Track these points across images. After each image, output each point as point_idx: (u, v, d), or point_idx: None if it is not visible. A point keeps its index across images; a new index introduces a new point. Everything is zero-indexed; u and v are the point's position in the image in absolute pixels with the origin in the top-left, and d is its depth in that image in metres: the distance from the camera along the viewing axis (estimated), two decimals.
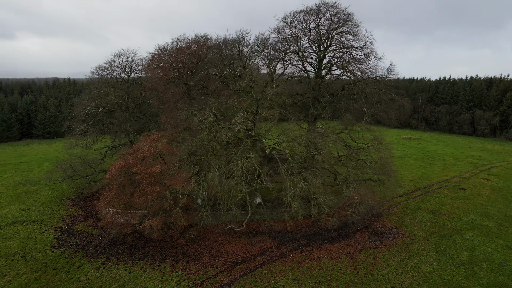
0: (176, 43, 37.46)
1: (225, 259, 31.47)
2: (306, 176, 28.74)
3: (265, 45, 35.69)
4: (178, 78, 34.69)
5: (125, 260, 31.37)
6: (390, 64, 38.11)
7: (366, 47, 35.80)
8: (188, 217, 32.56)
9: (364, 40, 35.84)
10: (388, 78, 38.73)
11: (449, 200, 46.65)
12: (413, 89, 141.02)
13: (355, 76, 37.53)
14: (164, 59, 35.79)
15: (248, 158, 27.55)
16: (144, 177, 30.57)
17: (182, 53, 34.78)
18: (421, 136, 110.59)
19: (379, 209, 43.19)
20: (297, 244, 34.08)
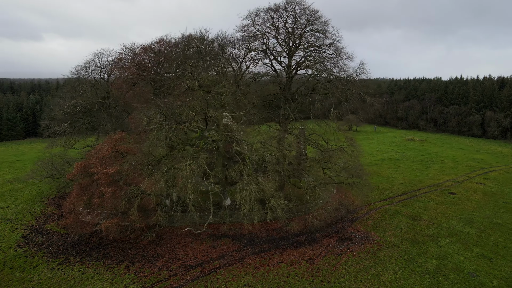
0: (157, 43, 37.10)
1: (182, 262, 30.92)
2: (257, 179, 27.86)
3: (222, 44, 34.91)
4: (142, 78, 34.38)
5: (82, 260, 31.20)
6: (360, 63, 36.75)
7: (334, 46, 34.57)
8: (148, 219, 32.11)
9: (332, 38, 34.65)
10: (358, 77, 37.32)
11: (434, 205, 44.78)
12: (422, 89, 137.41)
13: (323, 76, 36.32)
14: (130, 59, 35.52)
15: (194, 159, 26.89)
16: (101, 177, 30.33)
17: (147, 52, 34.43)
18: (426, 137, 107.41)
19: (357, 213, 41.81)
20: (259, 248, 33.22)
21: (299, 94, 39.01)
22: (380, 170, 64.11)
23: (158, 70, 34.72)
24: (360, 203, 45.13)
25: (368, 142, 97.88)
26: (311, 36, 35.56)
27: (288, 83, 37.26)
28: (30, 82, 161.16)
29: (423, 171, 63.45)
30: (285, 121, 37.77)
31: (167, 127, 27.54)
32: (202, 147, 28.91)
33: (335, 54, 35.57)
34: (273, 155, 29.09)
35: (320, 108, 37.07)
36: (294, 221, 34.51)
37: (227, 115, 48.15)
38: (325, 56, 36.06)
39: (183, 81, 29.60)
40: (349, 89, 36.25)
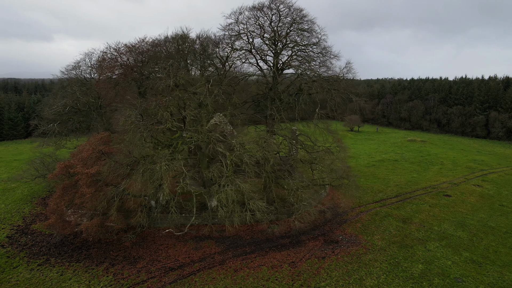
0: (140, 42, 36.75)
1: (163, 264, 30.53)
2: (234, 180, 27.32)
3: (205, 43, 34.39)
4: (124, 78, 34.06)
5: (63, 262, 30.99)
6: (347, 63, 35.95)
7: (320, 44, 33.85)
8: (129, 220, 31.78)
9: (317, 37, 33.98)
10: (345, 77, 36.53)
11: (426, 208, 43.84)
12: (426, 89, 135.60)
13: (309, 75, 35.61)
14: (113, 59, 35.21)
15: (170, 161, 26.46)
16: (81, 178, 30.08)
17: (130, 52, 34.08)
18: (429, 138, 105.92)
19: (346, 215, 41.06)
20: (242, 250, 32.70)
21: (287, 94, 38.32)
22: (377, 171, 63.17)
23: (142, 70, 34.40)
24: (352, 205, 44.39)
25: (369, 143, 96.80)
26: (297, 35, 34.94)
27: (275, 83, 36.65)
28: (34, 82, 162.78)
29: (421, 172, 62.36)
30: (271, 121, 37.11)
31: (143, 127, 27.18)
32: (179, 148, 28.47)
33: (321, 53, 34.90)
34: (252, 156, 28.51)
35: (304, 108, 36.28)
36: (278, 223, 33.89)
37: (220, 115, 47.84)
38: (311, 55, 35.40)
39: (159, 80, 29.21)
40: (335, 88, 35.49)
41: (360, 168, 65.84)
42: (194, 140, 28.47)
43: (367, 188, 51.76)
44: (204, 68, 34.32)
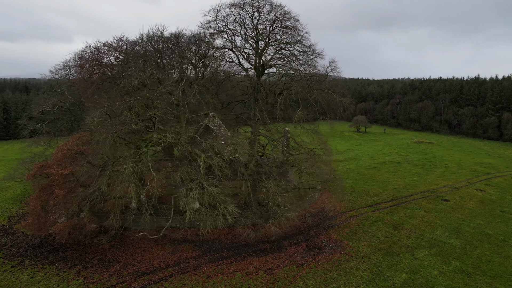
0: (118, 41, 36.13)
1: (136, 268, 29.77)
2: (201, 183, 26.32)
3: (178, 41, 33.41)
4: (99, 77, 33.45)
5: (37, 263, 30.55)
6: (331, 61, 34.50)
7: (302, 42, 32.53)
8: (104, 222, 31.15)
9: (300, 35, 32.66)
10: (329, 76, 35.07)
11: (421, 213, 41.99)
12: (436, 89, 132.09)
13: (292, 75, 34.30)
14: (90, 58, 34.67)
15: (135, 162, 25.65)
16: (54, 178, 29.60)
17: (111, 51, 33.47)
18: (437, 140, 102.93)
19: (335, 220, 39.60)
20: (219, 255, 31.68)
21: (272, 94, 36.99)
22: (377, 174, 61.32)
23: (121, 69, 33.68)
24: (343, 209, 42.88)
25: (374, 144, 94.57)
26: (279, 33, 33.72)
27: (258, 83, 35.47)
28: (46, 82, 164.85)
29: (423, 175, 60.21)
30: (255, 122, 35.92)
31: (109, 128, 26.48)
32: (147, 150, 27.62)
33: (304, 52, 33.59)
34: (223, 159, 27.42)
35: (283, 109, 34.95)
36: (256, 228, 32.73)
37: (214, 115, 46.95)
38: (295, 53, 34.13)
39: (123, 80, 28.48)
40: (317, 88, 34.08)
41: (360, 170, 64.10)
42: (163, 141, 27.63)
43: (363, 191, 50.11)
44: (181, 67, 33.41)
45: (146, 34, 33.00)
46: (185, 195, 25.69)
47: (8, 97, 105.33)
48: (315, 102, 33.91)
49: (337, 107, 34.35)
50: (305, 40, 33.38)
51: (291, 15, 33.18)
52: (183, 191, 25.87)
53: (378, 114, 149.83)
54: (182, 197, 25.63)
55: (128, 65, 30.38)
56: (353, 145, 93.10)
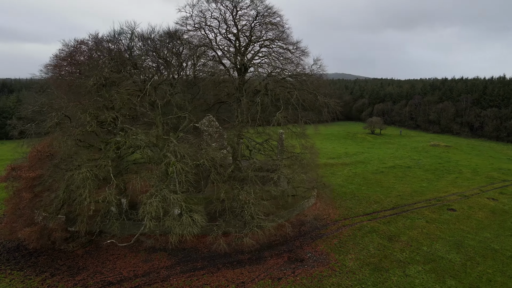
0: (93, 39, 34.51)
1: (103, 278, 28.35)
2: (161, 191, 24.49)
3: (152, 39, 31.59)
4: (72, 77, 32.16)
5: (6, 268, 29.63)
6: (316, 60, 31.97)
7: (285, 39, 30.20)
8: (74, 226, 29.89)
9: (282, 30, 30.35)
10: (314, 75, 32.51)
11: (422, 223, 38.79)
12: (458, 90, 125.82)
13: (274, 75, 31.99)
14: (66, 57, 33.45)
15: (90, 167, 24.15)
16: (22, 182, 28.61)
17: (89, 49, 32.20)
18: (456, 143, 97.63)
19: (325, 229, 37.03)
20: (192, 266, 29.85)
21: (251, 95, 34.73)
22: (383, 179, 58.01)
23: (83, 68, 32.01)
24: (336, 217, 40.22)
25: (386, 147, 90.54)
26: (261, 29, 31.54)
27: (240, 82, 33.36)
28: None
29: (432, 181, 56.45)
30: (239, 124, 33.79)
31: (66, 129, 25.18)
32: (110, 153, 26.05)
33: (288, 50, 31.26)
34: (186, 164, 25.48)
35: (261, 110, 32.59)
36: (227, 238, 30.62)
37: (210, 116, 45.24)
38: (279, 51, 31.87)
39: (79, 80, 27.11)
40: (300, 88, 31.64)
41: (366, 175, 60.90)
42: (121, 144, 26.03)
43: (363, 198, 47.17)
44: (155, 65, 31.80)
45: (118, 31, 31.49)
46: (144, 202, 24.02)
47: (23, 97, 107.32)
48: (297, 103, 31.41)
49: (322, 108, 31.76)
50: (288, 37, 31.11)
51: (273, 10, 31.04)
52: (145, 197, 24.19)
53: (395, 116, 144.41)
54: (143, 205, 23.95)
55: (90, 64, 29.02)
56: (364, 148, 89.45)
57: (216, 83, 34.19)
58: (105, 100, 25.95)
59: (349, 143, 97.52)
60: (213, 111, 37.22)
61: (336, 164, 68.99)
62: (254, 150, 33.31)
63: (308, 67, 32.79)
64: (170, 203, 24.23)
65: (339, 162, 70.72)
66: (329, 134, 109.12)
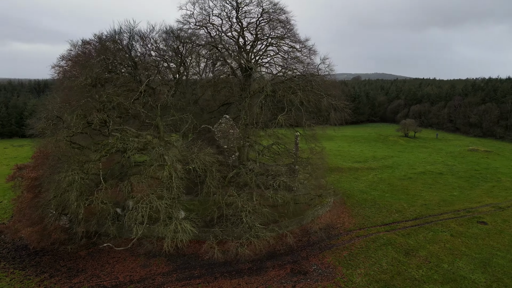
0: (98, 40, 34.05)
1: (99, 281, 27.92)
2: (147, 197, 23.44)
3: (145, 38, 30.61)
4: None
5: (10, 267, 30.01)
6: (324, 58, 29.66)
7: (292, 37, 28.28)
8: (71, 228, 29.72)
9: (290, 29, 28.47)
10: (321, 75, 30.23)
11: (446, 237, 35.41)
12: (503, 90, 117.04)
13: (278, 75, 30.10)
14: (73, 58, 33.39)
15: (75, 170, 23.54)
16: (24, 182, 28.82)
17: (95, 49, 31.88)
18: (498, 148, 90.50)
19: (336, 239, 34.69)
20: (190, 273, 28.72)
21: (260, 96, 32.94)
22: (410, 185, 54.33)
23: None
24: (351, 226, 37.70)
25: (419, 151, 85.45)
26: (268, 27, 29.83)
27: (246, 84, 31.76)
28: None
29: (465, 190, 52.05)
30: (244, 127, 32.22)
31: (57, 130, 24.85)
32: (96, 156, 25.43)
33: (295, 48, 29.32)
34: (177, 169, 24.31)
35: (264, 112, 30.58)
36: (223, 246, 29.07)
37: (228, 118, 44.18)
38: (285, 50, 30.02)
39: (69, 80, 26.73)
40: (305, 89, 29.54)
41: (393, 181, 57.35)
42: (110, 146, 25.29)
43: (385, 206, 44.11)
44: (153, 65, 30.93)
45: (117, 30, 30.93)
46: (130, 208, 23.18)
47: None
48: (301, 105, 29.31)
49: (329, 110, 29.50)
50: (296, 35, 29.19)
51: (279, 7, 29.26)
52: (133, 202, 23.36)
53: (433, 118, 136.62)
54: (131, 210, 23.11)
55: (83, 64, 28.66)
56: (394, 152, 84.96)
57: (222, 83, 32.75)
58: (95, 101, 25.49)
59: (379, 146, 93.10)
60: (221, 113, 35.96)
61: (361, 169, 65.74)
62: (261, 154, 31.68)
63: (314, 67, 30.67)
64: (156, 209, 23.20)
65: (364, 167, 67.35)
66: (358, 136, 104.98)
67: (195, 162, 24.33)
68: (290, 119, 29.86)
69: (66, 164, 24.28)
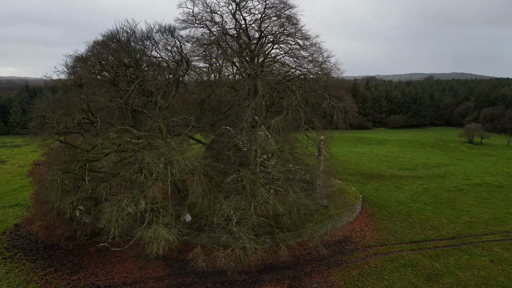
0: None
1: (95, 280, 28.17)
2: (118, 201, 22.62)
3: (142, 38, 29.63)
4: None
5: (23, 259, 31.50)
6: (327, 57, 26.57)
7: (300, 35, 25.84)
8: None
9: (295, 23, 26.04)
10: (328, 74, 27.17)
11: (483, 263, 30.31)
12: None
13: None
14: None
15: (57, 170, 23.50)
16: (35, 177, 30.14)
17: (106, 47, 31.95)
18: None
19: (350, 255, 31.42)
20: (181, 280, 27.74)
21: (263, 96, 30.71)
22: (459, 199, 48.24)
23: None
24: (372, 242, 34.05)
25: (481, 160, 76.29)
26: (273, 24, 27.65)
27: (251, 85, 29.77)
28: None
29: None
30: (250, 130, 30.29)
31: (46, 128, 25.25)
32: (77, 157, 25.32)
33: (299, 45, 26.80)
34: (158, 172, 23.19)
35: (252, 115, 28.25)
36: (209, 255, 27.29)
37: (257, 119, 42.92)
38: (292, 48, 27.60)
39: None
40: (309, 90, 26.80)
41: (440, 192, 51.46)
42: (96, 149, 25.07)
43: (419, 221, 39.41)
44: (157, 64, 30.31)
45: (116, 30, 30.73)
46: (104, 211, 22.78)
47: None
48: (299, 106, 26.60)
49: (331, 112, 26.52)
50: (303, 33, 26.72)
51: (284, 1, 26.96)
52: (109, 205, 22.92)
53: (507, 122, 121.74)
54: (106, 213, 22.69)
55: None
56: (452, 159, 76.80)
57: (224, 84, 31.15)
58: (81, 101, 25.63)
59: (435, 152, 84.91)
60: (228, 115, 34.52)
61: (406, 177, 60.12)
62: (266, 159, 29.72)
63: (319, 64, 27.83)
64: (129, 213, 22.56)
65: (411, 175, 61.50)
66: (414, 141, 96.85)
67: (174, 167, 23.25)
68: (286, 122, 27.37)
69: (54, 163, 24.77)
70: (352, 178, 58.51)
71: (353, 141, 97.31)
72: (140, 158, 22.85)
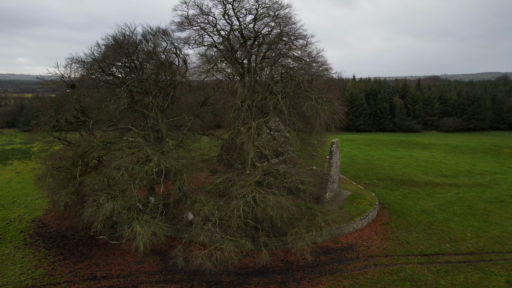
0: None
1: (95, 270, 29.89)
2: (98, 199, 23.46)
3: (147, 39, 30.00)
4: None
5: (41, 246, 34.16)
6: (315, 56, 25.29)
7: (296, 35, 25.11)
8: None
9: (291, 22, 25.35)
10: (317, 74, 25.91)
11: (496, 283, 27.28)
12: None
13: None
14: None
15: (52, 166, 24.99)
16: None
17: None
18: None
19: (347, 264, 29.97)
20: (171, 277, 28.41)
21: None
22: (496, 211, 43.90)
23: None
24: (377, 252, 32.19)
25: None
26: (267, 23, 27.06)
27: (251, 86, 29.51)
28: None
29: None
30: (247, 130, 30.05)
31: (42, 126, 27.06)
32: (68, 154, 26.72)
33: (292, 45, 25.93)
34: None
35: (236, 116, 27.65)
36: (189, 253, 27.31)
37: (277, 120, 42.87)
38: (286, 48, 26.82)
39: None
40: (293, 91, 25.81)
41: (475, 202, 47.25)
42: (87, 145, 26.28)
43: (438, 233, 36.54)
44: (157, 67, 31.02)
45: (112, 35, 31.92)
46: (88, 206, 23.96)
47: None
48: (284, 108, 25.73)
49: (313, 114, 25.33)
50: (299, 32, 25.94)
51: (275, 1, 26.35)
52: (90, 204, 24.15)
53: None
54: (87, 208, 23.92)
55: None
56: (503, 167, 69.82)
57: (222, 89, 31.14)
58: (74, 101, 27.14)
59: (485, 159, 77.75)
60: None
61: (442, 184, 55.87)
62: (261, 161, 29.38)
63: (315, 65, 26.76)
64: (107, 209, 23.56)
65: (447, 182, 57.01)
66: (463, 146, 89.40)
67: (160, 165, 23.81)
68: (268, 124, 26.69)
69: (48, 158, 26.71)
70: (380, 183, 55.68)
71: (394, 144, 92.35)
72: (119, 156, 23.88)
